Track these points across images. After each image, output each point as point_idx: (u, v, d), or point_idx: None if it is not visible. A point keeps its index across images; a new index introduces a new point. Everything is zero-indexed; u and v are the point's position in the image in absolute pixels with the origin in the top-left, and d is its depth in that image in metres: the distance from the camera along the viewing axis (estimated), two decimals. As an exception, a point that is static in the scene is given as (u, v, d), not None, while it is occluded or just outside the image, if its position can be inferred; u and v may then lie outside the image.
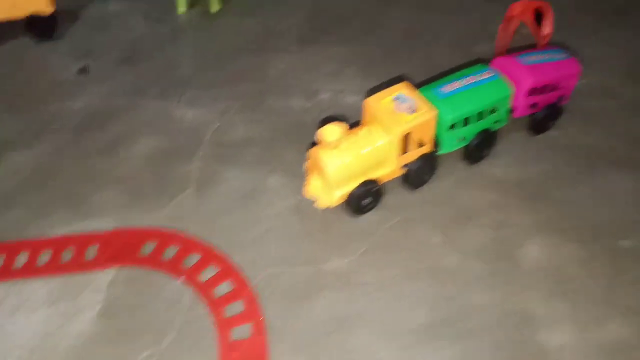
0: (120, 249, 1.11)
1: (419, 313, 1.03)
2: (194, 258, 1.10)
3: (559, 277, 1.08)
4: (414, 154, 1.16)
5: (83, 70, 1.53)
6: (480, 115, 1.19)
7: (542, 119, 1.31)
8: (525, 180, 1.24)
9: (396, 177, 1.19)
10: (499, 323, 1.01)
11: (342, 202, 1.15)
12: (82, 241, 1.13)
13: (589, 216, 1.18)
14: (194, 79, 1.48)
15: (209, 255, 1.10)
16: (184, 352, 0.98)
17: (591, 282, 1.07)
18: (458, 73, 1.22)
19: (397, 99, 1.13)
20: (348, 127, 1.09)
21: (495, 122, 1.24)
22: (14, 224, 1.18)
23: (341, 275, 1.08)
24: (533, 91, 1.24)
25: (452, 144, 1.21)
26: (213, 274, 1.07)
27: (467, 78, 1.20)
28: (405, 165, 1.17)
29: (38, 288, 1.07)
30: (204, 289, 1.05)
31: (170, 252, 1.11)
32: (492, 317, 1.02)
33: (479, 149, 1.24)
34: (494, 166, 1.27)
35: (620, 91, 1.45)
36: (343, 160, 1.09)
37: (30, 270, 1.09)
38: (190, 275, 1.07)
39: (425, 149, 1.17)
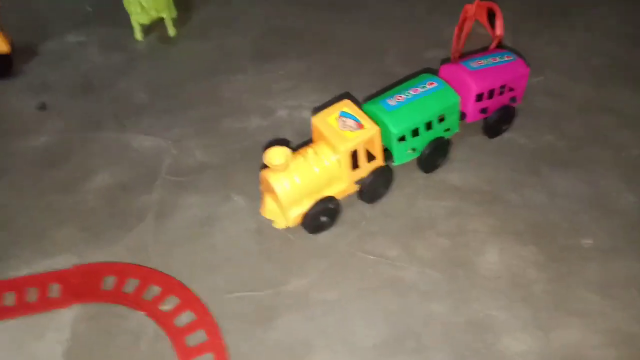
0: (81, 285, 1.11)
1: (380, 328, 1.03)
2: (154, 290, 1.10)
3: (518, 282, 1.09)
4: (365, 169, 1.16)
5: (42, 107, 1.52)
6: (428, 125, 1.20)
7: (495, 122, 1.32)
8: (482, 185, 1.25)
9: (352, 193, 1.20)
10: (460, 332, 1.02)
11: (300, 222, 1.15)
12: (44, 280, 1.12)
13: (546, 217, 1.19)
14: (150, 107, 1.48)
15: (169, 286, 1.10)
16: (148, 387, 0.98)
17: (552, 285, 1.08)
18: (403, 85, 1.23)
19: (341, 116, 1.14)
20: (291, 150, 1.09)
21: (446, 130, 1.25)
22: (-26, 268, 1.17)
23: (301, 295, 1.08)
24: (480, 96, 1.26)
25: (404, 155, 1.22)
26: (174, 304, 1.07)
27: (412, 89, 1.20)
28: (359, 181, 1.17)
29: (1, 332, 1.07)
30: (166, 320, 1.05)
31: (131, 285, 1.10)
32: (452, 326, 1.03)
33: (432, 158, 1.25)
34: (450, 172, 1.28)
35: (570, 90, 1.46)
36: (292, 181, 1.10)
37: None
38: (152, 308, 1.07)
39: (376, 163, 1.18)
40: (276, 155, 1.09)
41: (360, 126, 1.12)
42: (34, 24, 1.80)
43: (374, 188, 1.20)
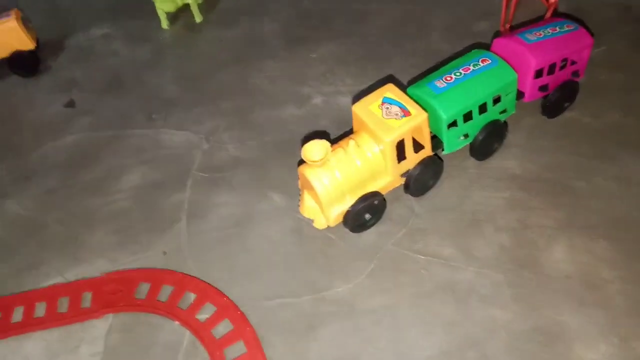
0: (114, 294, 1.05)
1: (435, 337, 0.93)
2: (189, 297, 1.03)
3: (591, 283, 0.96)
4: (412, 160, 1.05)
5: (70, 104, 1.47)
6: (482, 108, 1.07)
7: (556, 100, 1.18)
8: (544, 172, 1.12)
9: (398, 187, 1.09)
10: (526, 341, 0.91)
11: (341, 221, 1.06)
12: (76, 289, 1.08)
13: (620, 208, 1.05)
14: (179, 100, 1.41)
15: (205, 293, 1.03)
16: (186, 402, 0.92)
17: (630, 286, 0.95)
18: (453, 63, 1.11)
19: (384, 102, 1.03)
20: (329, 143, 1.00)
21: (502, 112, 1.12)
22: (6, 277, 1.13)
23: (346, 302, 0.99)
24: (540, 72, 1.12)
25: (455, 142, 1.10)
26: (210, 313, 1.00)
27: (463, 68, 1.08)
28: (405, 174, 1.07)
29: (35, 344, 1.02)
30: (202, 330, 0.98)
31: (165, 292, 1.04)
32: (518, 335, 0.92)
33: (486, 143, 1.13)
34: (507, 160, 1.15)
35: (636, 60, 1.30)
36: (332, 177, 1.00)
37: (27, 325, 1.04)
38: (187, 317, 1.00)
39: (424, 153, 1.07)
40: (315, 149, 0.99)
41: (406, 113, 1.01)
42: (58, 18, 1.75)
43: (421, 180, 1.09)
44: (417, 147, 1.06)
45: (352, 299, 1.00)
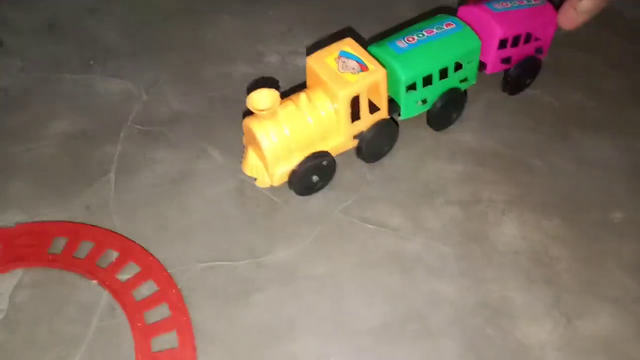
0: (25, 247, 0.94)
1: (377, 309, 0.87)
2: (111, 255, 0.93)
3: (540, 260, 0.93)
4: (366, 121, 0.99)
5: (-4, 43, 1.33)
6: (443, 73, 1.02)
7: (517, 75, 1.14)
8: (501, 148, 1.08)
9: (349, 150, 1.02)
10: (471, 316, 0.86)
11: (286, 181, 0.98)
12: (-18, 240, 0.96)
13: (574, 188, 1.02)
14: (121, 48, 1.29)
15: (129, 252, 0.93)
16: (98, 367, 0.82)
17: (578, 264, 0.92)
18: (416, 25, 1.05)
19: (341, 57, 0.95)
20: (279, 93, 0.92)
21: (462, 80, 1.07)
22: None
23: (286, 268, 0.92)
24: (504, 43, 1.07)
25: (413, 107, 1.04)
26: (133, 273, 0.90)
27: (427, 30, 1.02)
28: (358, 136, 1.00)
29: None
30: (122, 291, 0.88)
31: (84, 249, 0.93)
32: (462, 310, 0.87)
33: (444, 112, 1.07)
34: (464, 133, 1.11)
35: (605, 42, 1.28)
36: (280, 132, 0.92)
37: None
38: (107, 276, 0.90)
39: (380, 115, 1.00)
40: (262, 98, 0.91)
41: (363, 68, 0.94)
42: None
43: (375, 144, 1.03)
44: (373, 109, 0.99)
45: (292, 265, 0.92)
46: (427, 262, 0.92)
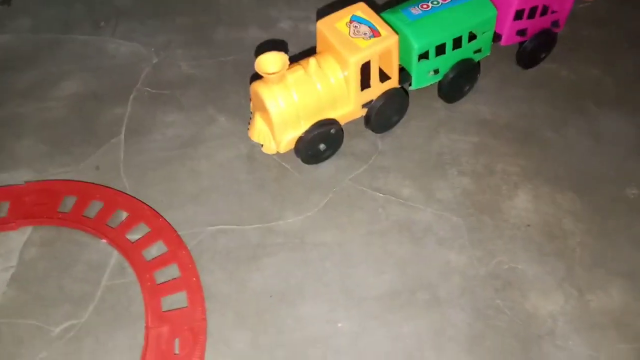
0: (35, 205, 0.93)
1: (386, 277, 0.87)
2: (121, 216, 0.92)
3: (552, 233, 0.92)
4: (376, 90, 0.96)
5: (4, 1, 1.31)
6: (457, 43, 0.99)
7: (532, 49, 1.11)
8: (515, 120, 1.07)
9: (358, 118, 1.00)
10: (481, 287, 0.86)
11: (293, 148, 0.97)
12: (-9, 198, 0.95)
13: (589, 163, 1.01)
14: (133, 10, 1.27)
15: (139, 213, 0.92)
16: (107, 324, 0.82)
17: (591, 239, 0.91)
18: None
19: (353, 21, 0.93)
20: (288, 57, 0.89)
21: (476, 51, 1.04)
22: None
23: (295, 234, 0.91)
24: (521, 14, 1.04)
25: (424, 77, 1.02)
26: (143, 234, 0.90)
27: None
28: (367, 104, 0.98)
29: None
30: (132, 250, 0.88)
31: (94, 209, 0.93)
32: (472, 280, 0.86)
33: (456, 83, 1.05)
34: (479, 104, 1.09)
35: (624, 18, 1.25)
36: (288, 98, 0.90)
37: None
38: (116, 236, 0.90)
39: (390, 84, 0.97)
40: (271, 61, 0.89)
41: (375, 34, 0.91)
42: None
43: (384, 114, 1.01)
44: (383, 77, 0.97)
45: (302, 231, 0.92)
46: (437, 233, 0.92)
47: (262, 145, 0.99)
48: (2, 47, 1.22)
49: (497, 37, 1.08)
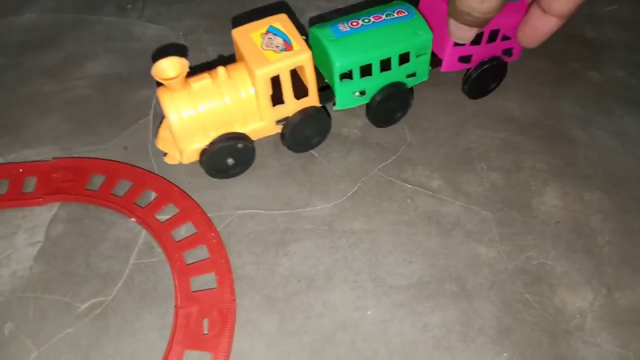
0: (62, 182, 0.93)
1: (414, 267, 0.87)
2: (149, 196, 0.92)
3: (581, 232, 0.92)
4: (292, 106, 0.90)
5: (30, -19, 1.30)
6: (385, 64, 0.92)
7: (477, 77, 1.03)
8: (543, 118, 1.07)
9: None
10: (510, 281, 0.85)
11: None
12: (18, 172, 0.94)
13: (616, 162, 1.01)
14: (160, -7, 1.27)
15: (168, 193, 0.92)
16: (135, 302, 0.81)
17: (618, 238, 0.91)
18: (368, 10, 0.95)
19: (269, 32, 0.88)
20: (188, 63, 0.83)
21: (409, 75, 0.97)
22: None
23: (323, 221, 0.91)
24: None
25: (349, 98, 0.95)
26: (172, 214, 0.89)
27: (375, 16, 0.92)
28: (281, 121, 0.92)
29: (-37, 226, 0.90)
30: (161, 231, 0.87)
31: (122, 188, 0.92)
32: (501, 274, 0.86)
33: (386, 108, 0.99)
34: (507, 101, 1.09)
35: None
36: (191, 106, 0.84)
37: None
38: (145, 215, 0.89)
39: (308, 102, 0.92)
40: (170, 67, 0.82)
41: (288, 47, 0.86)
42: None
43: (302, 133, 0.95)
44: (303, 94, 0.91)
45: (330, 219, 0.91)
46: (466, 226, 0.91)
47: (165, 155, 0.94)
48: (27, 26, 1.21)
49: (437, 61, 1.01)
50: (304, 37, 0.89)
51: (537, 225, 0.92)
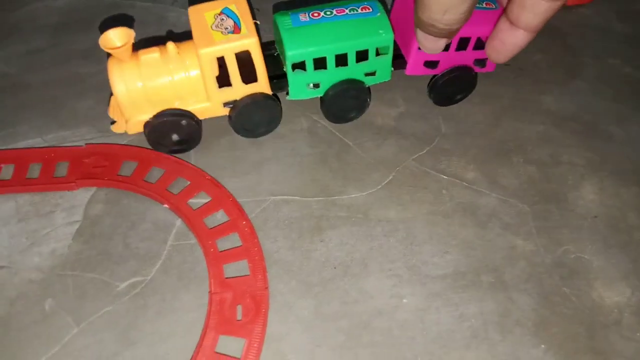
0: (95, 167, 0.93)
1: (450, 257, 0.86)
2: (181, 183, 0.92)
3: (618, 227, 0.91)
4: (239, 90, 0.90)
5: (65, -35, 1.31)
6: (341, 60, 0.90)
7: (443, 85, 0.99)
8: (580, 113, 1.06)
9: (420, 101, 0.99)
10: (547, 274, 0.85)
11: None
12: (51, 156, 0.94)
13: (654, 158, 1.00)
14: (194, -21, 1.27)
15: (200, 181, 0.92)
16: (173, 283, 0.81)
17: (656, 233, 0.90)
18: (334, 3, 0.92)
19: (222, 14, 0.87)
20: (134, 33, 0.85)
21: (369, 74, 0.95)
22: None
23: (358, 209, 0.91)
24: None
25: (302, 90, 0.94)
26: (204, 202, 0.90)
27: (338, 9, 0.90)
28: (228, 104, 0.92)
29: (3, 202, 0.90)
30: (194, 217, 0.87)
31: (154, 175, 0.92)
32: (538, 267, 0.85)
33: (339, 103, 0.97)
34: (544, 95, 1.08)
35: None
36: (137, 77, 0.84)
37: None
38: (178, 202, 0.89)
39: (256, 87, 0.91)
40: (117, 37, 0.84)
41: (237, 30, 0.85)
42: None
43: (250, 119, 0.94)
44: (253, 79, 0.91)
45: (365, 207, 0.91)
46: (502, 218, 0.91)
47: (112, 123, 0.95)
48: (62, 9, 1.22)
49: (402, 63, 0.97)
50: (256, 23, 0.88)
51: (574, 219, 0.91)
